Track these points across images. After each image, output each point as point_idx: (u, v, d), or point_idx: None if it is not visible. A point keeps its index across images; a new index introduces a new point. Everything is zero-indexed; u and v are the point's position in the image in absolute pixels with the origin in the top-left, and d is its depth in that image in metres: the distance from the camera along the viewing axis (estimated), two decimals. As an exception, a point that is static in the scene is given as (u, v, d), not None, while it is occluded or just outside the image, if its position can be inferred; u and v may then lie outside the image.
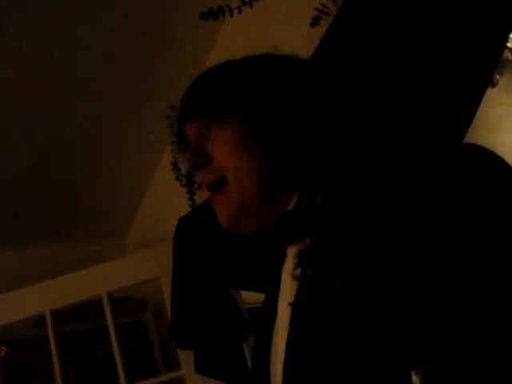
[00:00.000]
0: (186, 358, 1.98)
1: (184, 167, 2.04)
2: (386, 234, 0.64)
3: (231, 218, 0.80)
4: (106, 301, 2.07)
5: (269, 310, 0.85)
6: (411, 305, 0.60)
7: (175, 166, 2.05)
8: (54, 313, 2.09)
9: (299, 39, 1.70)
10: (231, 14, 1.79)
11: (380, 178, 0.71)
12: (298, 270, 0.71)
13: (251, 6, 1.77)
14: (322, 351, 0.65)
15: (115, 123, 2.24)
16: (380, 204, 0.67)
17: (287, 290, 0.78)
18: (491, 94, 1.80)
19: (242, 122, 0.79)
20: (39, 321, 2.46)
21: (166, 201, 2.42)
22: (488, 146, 0.68)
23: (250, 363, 1.74)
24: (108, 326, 2.06)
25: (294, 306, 0.72)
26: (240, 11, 1.78)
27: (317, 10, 1.64)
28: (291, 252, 0.78)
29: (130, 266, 2.05)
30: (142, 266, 2.04)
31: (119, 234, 2.83)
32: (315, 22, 1.65)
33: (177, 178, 2.07)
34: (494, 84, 1.97)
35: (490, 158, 0.67)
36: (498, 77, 1.99)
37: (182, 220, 1.70)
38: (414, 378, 0.51)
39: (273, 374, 0.79)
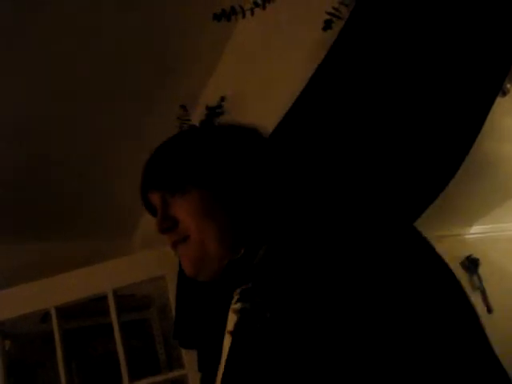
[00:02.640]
0: (189, 357, 1.99)
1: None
2: (308, 282, 0.78)
3: (193, 265, 0.97)
4: (111, 298, 2.08)
5: (216, 346, 0.99)
6: (324, 333, 0.73)
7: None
8: (59, 309, 2.10)
9: (311, 42, 1.70)
10: (244, 16, 1.79)
11: (312, 239, 0.85)
12: (238, 305, 0.87)
13: (264, 8, 1.77)
14: (253, 371, 0.78)
15: (126, 121, 2.25)
16: (307, 259, 0.81)
17: (231, 324, 0.91)
18: (502, 103, 1.80)
19: (202, 191, 0.95)
20: (45, 316, 2.48)
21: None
22: (498, 155, 0.69)
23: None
24: (112, 323, 2.07)
25: (233, 334, 0.86)
26: (252, 13, 1.78)
27: (329, 14, 1.64)
28: (236, 294, 0.92)
29: (136, 264, 2.06)
30: (147, 264, 2.05)
31: (126, 233, 2.85)
32: (327, 26, 1.65)
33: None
34: (504, 93, 1.96)
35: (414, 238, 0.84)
36: (508, 86, 1.99)
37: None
38: None
39: None
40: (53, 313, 2.09)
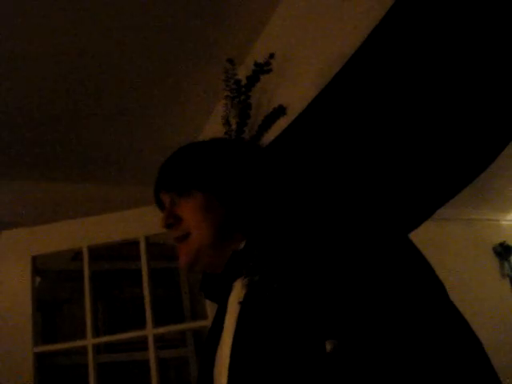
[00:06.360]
0: (212, 309, 2.01)
1: (234, 123, 2.04)
2: (302, 261, 0.90)
3: (189, 260, 1.09)
4: (143, 244, 2.11)
5: (215, 329, 1.09)
6: (321, 295, 0.85)
7: (226, 121, 2.04)
8: (91, 249, 2.15)
9: (365, 5, 1.64)
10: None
11: (300, 234, 0.96)
12: (246, 280, 0.97)
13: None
14: (265, 334, 0.88)
15: (172, 71, 2.24)
16: (298, 247, 0.93)
17: (236, 297, 1.01)
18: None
19: (205, 195, 1.09)
20: (76, 255, 2.54)
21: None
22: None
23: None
24: (142, 268, 2.10)
25: (243, 303, 0.96)
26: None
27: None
28: (238, 282, 1.03)
29: (170, 214, 2.07)
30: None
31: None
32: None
33: (226, 133, 2.07)
34: None
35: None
36: None
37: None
38: (328, 346, 0.79)
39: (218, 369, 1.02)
40: (85, 252, 2.13)
